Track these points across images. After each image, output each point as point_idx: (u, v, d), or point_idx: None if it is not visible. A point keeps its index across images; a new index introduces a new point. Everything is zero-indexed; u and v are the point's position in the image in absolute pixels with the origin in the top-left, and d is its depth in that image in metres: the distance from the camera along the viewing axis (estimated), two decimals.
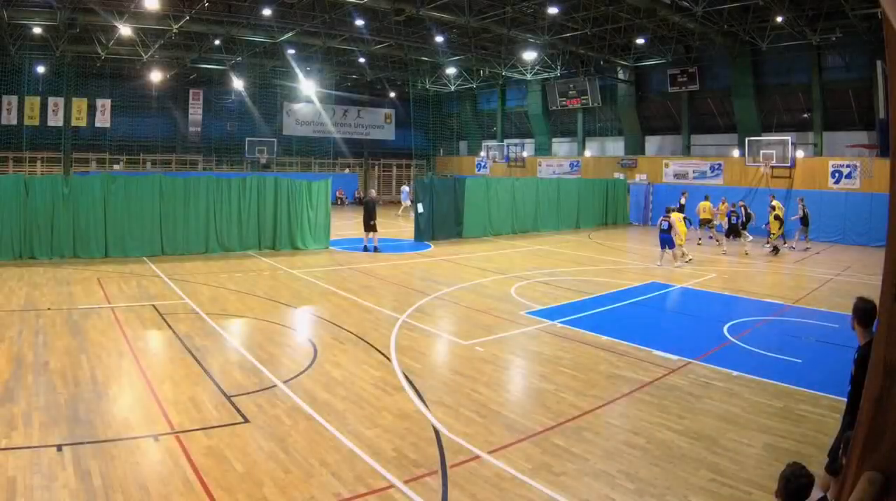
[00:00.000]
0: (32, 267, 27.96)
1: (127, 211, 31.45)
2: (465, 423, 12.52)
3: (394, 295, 24.84)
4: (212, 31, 51.70)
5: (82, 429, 11.60)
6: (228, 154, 75.18)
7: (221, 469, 10.36)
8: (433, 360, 17.12)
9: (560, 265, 32.65)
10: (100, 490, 9.49)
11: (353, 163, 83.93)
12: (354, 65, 68.50)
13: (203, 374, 14.87)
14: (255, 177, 35.70)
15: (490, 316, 21.59)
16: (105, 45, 55.61)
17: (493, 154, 76.37)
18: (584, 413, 13.19)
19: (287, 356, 16.82)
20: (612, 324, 20.62)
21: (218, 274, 27.64)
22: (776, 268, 33.40)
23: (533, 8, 46.17)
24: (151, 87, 69.21)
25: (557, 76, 65.14)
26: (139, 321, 19.55)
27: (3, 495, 9.22)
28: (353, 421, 12.48)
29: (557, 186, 51.10)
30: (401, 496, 9.77)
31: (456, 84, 75.32)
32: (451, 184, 44.06)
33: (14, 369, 14.67)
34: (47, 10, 45.20)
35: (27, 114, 62.80)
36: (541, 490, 9.98)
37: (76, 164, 66.26)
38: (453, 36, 56.91)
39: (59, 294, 22.90)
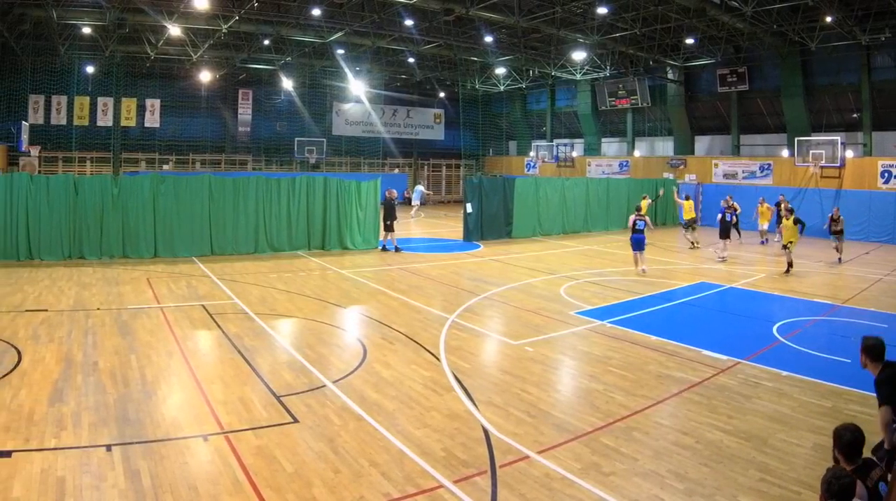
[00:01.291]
0: (82, 267, 28.24)
1: (176, 211, 31.70)
2: (514, 423, 12.50)
3: (443, 295, 24.85)
4: (261, 31, 51.97)
5: (132, 429, 11.68)
6: (278, 154, 75.52)
7: (271, 469, 10.40)
8: (483, 360, 17.09)
9: (609, 265, 32.56)
10: (149, 490, 9.55)
11: (403, 163, 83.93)
12: (404, 65, 68.54)
13: (252, 374, 14.95)
14: (305, 177, 35.78)
15: (540, 316, 21.55)
16: (154, 45, 56.06)
17: (542, 154, 76.19)
18: (633, 413, 13.19)
19: (336, 356, 16.85)
20: (661, 324, 20.62)
21: (267, 275, 27.77)
22: (825, 269, 33.02)
23: (582, 8, 46.04)
24: (201, 87, 69.77)
25: (607, 76, 64.81)
26: (188, 321, 19.70)
27: (52, 495, 9.30)
28: (403, 421, 12.49)
29: (607, 186, 50.91)
30: (450, 496, 9.77)
31: (505, 84, 75.05)
32: (501, 184, 43.95)
33: (64, 369, 14.80)
34: (97, 10, 45.55)
35: (77, 114, 63.44)
36: (590, 490, 9.96)
37: (125, 164, 66.80)
38: (503, 36, 56.78)
39: (108, 294, 23.09)
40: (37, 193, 29.42)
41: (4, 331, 17.81)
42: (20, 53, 57.86)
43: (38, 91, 61.98)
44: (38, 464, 10.16)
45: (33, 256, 29.22)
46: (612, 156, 71.39)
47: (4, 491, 9.29)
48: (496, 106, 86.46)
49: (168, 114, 69.05)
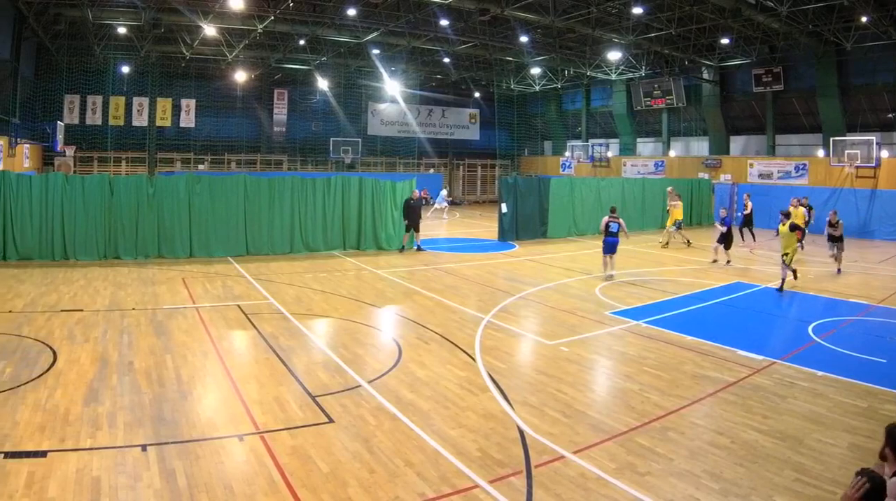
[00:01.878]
0: (117, 267, 28.39)
1: (212, 211, 31.85)
2: (549, 423, 12.48)
3: (478, 295, 24.83)
4: (296, 31, 52.20)
5: (167, 429, 11.73)
6: (313, 154, 75.72)
7: (306, 469, 10.40)
8: (518, 360, 17.06)
9: (644, 265, 32.48)
10: (184, 490, 9.58)
11: (438, 163, 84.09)
12: (439, 65, 68.65)
13: (288, 374, 14.97)
14: (340, 177, 35.85)
15: (575, 316, 21.51)
16: (190, 45, 56.40)
17: (577, 154, 76.09)
18: (668, 413, 13.16)
19: (372, 356, 16.86)
20: (696, 324, 20.55)
21: (302, 274, 27.82)
22: (860, 269, 32.77)
23: (617, 8, 46.01)
24: (236, 87, 70.13)
25: (642, 76, 64.93)
26: (224, 321, 19.76)
27: (87, 495, 9.34)
28: (438, 421, 12.50)
29: (643, 186, 50.71)
30: (485, 496, 9.76)
31: (541, 84, 75.11)
32: (536, 184, 43.84)
33: (99, 369, 14.87)
34: (132, 10, 45.84)
35: (112, 114, 63.79)
36: (625, 490, 9.95)
37: (161, 164, 67.35)
38: (538, 36, 56.73)
39: (143, 294, 23.22)
40: (72, 193, 29.63)
41: (40, 331, 17.93)
42: (55, 53, 58.31)
43: (73, 91, 62.39)
44: (74, 464, 10.21)
45: (69, 256, 29.42)
46: (647, 156, 71.31)
47: (40, 491, 9.34)
48: (531, 106, 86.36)
49: (203, 114, 69.47)
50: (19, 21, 47.23)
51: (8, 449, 10.63)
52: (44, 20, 48.24)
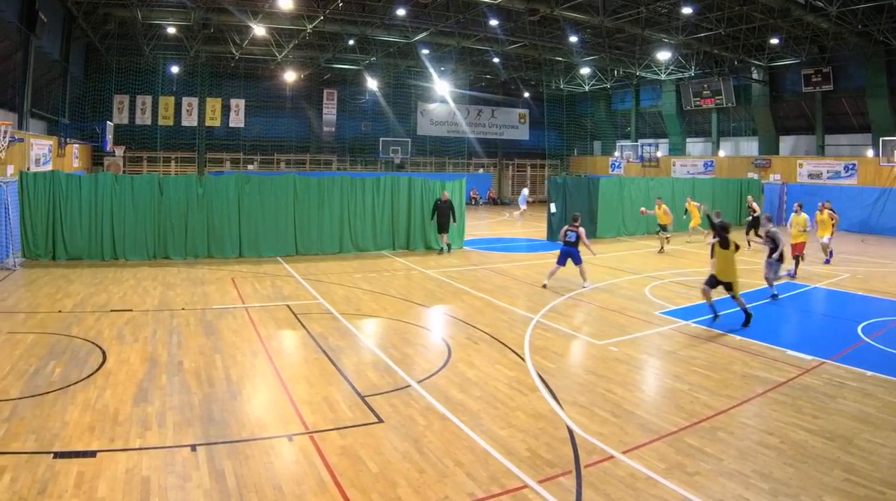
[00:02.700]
0: (167, 267, 28.63)
1: (261, 211, 31.98)
2: (599, 423, 12.46)
3: (528, 295, 24.78)
4: (346, 31, 52.43)
5: (216, 429, 11.78)
6: (362, 154, 76.08)
7: (356, 469, 10.41)
8: (567, 360, 17.01)
9: (694, 265, 32.30)
10: (234, 490, 9.61)
11: (488, 163, 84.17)
12: (488, 65, 68.74)
13: (337, 374, 15.00)
14: (389, 177, 35.92)
15: (624, 316, 21.48)
16: (239, 45, 56.82)
17: (627, 154, 75.95)
18: (717, 413, 13.12)
19: (421, 356, 16.88)
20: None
21: (352, 275, 27.86)
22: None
23: (667, 8, 45.95)
24: (285, 87, 70.54)
25: (692, 76, 64.90)
26: (273, 321, 19.84)
27: (137, 495, 9.39)
28: (488, 421, 12.47)
29: (692, 186, 50.19)
30: (535, 496, 9.73)
31: (590, 84, 75.16)
32: (585, 184, 43.78)
33: (148, 369, 14.98)
34: (181, 10, 46.23)
35: (161, 114, 64.38)
36: (675, 490, 9.92)
37: (210, 164, 68.06)
38: (587, 36, 56.74)
39: (193, 294, 23.38)
40: (121, 193, 29.88)
41: (90, 331, 18.08)
42: (105, 53, 58.93)
43: (122, 91, 63.04)
44: (123, 464, 10.26)
45: (118, 256, 29.64)
46: (696, 156, 71.10)
47: (89, 491, 9.39)
48: (581, 106, 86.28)
49: (253, 114, 70.02)
50: (69, 21, 47.73)
51: (58, 449, 10.71)
52: (93, 20, 48.76)
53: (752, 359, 16.79)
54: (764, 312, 22.56)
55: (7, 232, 28.00)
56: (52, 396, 13.04)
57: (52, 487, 9.47)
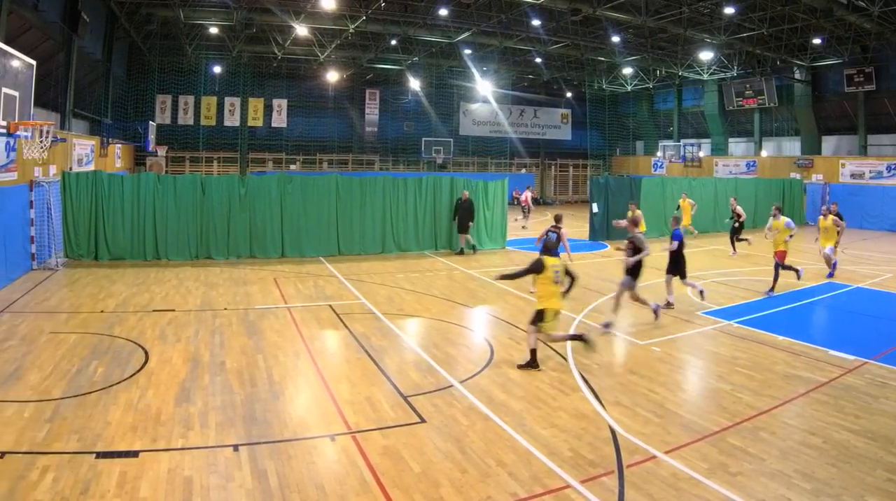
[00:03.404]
0: (209, 267, 28.80)
1: (303, 211, 32.07)
2: (641, 423, 12.47)
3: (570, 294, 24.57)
4: (388, 31, 52.51)
5: (259, 429, 11.84)
6: (405, 154, 76.26)
7: (398, 468, 10.44)
8: (610, 360, 16.97)
9: (737, 265, 32.21)
10: (276, 490, 9.65)
11: (530, 164, 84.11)
12: (531, 65, 68.65)
13: (380, 374, 15.04)
14: (432, 177, 35.94)
15: (666, 316, 21.40)
16: (281, 45, 56.99)
17: (669, 154, 75.70)
18: (760, 413, 13.10)
19: (464, 356, 16.89)
20: (788, 324, 20.46)
21: (394, 274, 27.90)
22: None
23: (709, 8, 45.81)
24: (328, 87, 70.87)
25: (734, 76, 64.66)
26: (316, 321, 19.89)
27: (179, 495, 9.45)
28: (530, 421, 12.49)
29: (735, 186, 49.97)
30: (577, 496, 9.75)
31: (632, 84, 74.92)
32: (627, 184, 43.76)
33: (191, 369, 15.07)
34: (224, 10, 46.45)
35: (204, 114, 64.81)
36: (717, 490, 9.92)
37: (252, 164, 68.40)
38: (630, 36, 56.72)
39: (235, 294, 23.49)
40: (164, 193, 30.09)
41: (132, 331, 18.21)
42: (147, 53, 59.38)
43: (164, 91, 63.55)
44: (166, 464, 10.34)
45: (160, 256, 29.83)
46: (739, 156, 70.88)
47: (132, 491, 9.46)
48: (623, 106, 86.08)
49: (295, 114, 70.38)
50: (111, 21, 48.06)
51: (100, 449, 10.79)
52: (135, 20, 49.10)
53: (795, 359, 16.77)
54: (807, 312, 22.75)
55: (49, 232, 28.27)
56: (94, 396, 13.15)
57: (94, 487, 9.54)
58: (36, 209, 26.93)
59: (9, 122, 17.34)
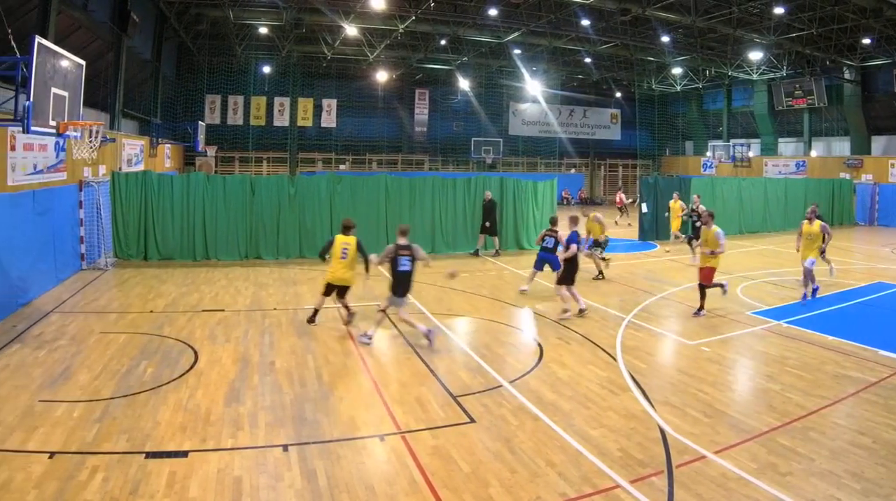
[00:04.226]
0: (258, 267, 28.96)
1: (353, 211, 31.77)
2: (691, 423, 12.45)
3: (619, 294, 24.78)
4: (437, 31, 52.82)
5: (308, 429, 11.88)
6: (454, 154, 76.43)
7: (447, 469, 10.45)
8: (659, 360, 17.02)
9: (786, 265, 32.03)
10: (325, 490, 9.68)
11: (579, 164, 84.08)
12: (580, 65, 68.70)
13: (429, 374, 15.07)
14: (481, 177, 35.90)
15: (716, 315, 21.38)
16: (331, 45, 57.35)
17: (719, 154, 75.41)
18: (809, 413, 13.05)
19: (513, 356, 16.89)
20: (837, 324, 20.30)
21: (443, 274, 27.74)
22: None
23: (759, 8, 45.71)
24: (377, 87, 71.20)
25: (783, 76, 64.43)
26: (365, 321, 19.79)
27: (229, 495, 9.51)
28: (579, 421, 12.48)
29: (785, 186, 50.11)
30: (626, 495, 9.75)
31: (682, 84, 74.90)
32: (676, 184, 43.44)
33: (240, 369, 15.16)
34: (273, 10, 46.74)
35: (253, 114, 65.25)
36: (766, 490, 9.90)
37: (302, 164, 68.82)
38: (679, 36, 56.68)
39: (285, 294, 23.61)
40: (213, 193, 30.27)
41: (181, 332, 18.35)
42: (197, 53, 59.96)
43: (214, 91, 64.10)
44: (215, 464, 10.40)
45: (210, 256, 29.98)
46: (788, 156, 70.63)
47: (181, 492, 9.53)
48: (672, 105, 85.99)
49: (344, 114, 70.68)
50: (160, 21, 48.52)
51: (149, 449, 10.87)
52: (185, 20, 49.58)
53: (845, 359, 16.70)
54: (856, 312, 22.62)
55: (99, 232, 28.52)
56: (143, 396, 13.24)
57: (143, 487, 9.62)
58: (85, 209, 27.17)
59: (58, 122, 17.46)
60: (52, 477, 9.79)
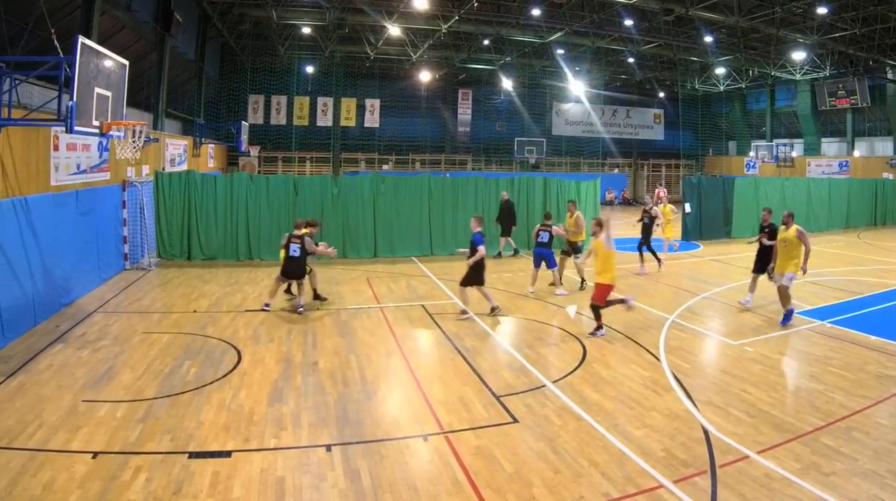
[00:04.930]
0: None
1: (396, 210, 32.16)
2: (734, 423, 12.44)
3: (663, 295, 24.70)
4: (481, 31, 52.88)
5: (351, 429, 11.92)
6: (497, 154, 76.50)
7: (491, 468, 10.47)
8: (702, 360, 16.97)
9: (829, 265, 31.63)
10: (369, 490, 9.71)
11: (622, 164, 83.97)
12: (623, 65, 68.67)
13: (472, 374, 15.06)
14: (525, 177, 35.87)
15: (759, 316, 21.30)
16: (374, 45, 57.55)
17: (762, 154, 75.14)
18: (853, 413, 13.01)
19: (556, 356, 16.90)
20: (881, 325, 20.16)
21: (487, 274, 27.49)
22: None
23: (802, 8, 45.46)
24: (420, 87, 71.45)
25: (826, 76, 64.12)
26: (408, 321, 19.99)
27: (272, 495, 9.56)
28: (623, 421, 12.50)
29: (828, 186, 49.81)
30: (670, 496, 9.77)
31: (725, 84, 74.66)
32: (720, 184, 43.60)
33: (283, 369, 15.23)
34: (316, 10, 46.92)
35: (296, 114, 65.59)
36: (810, 490, 9.90)
37: (345, 164, 69.08)
38: (722, 36, 56.55)
39: (328, 293, 23.52)
40: (257, 193, 30.41)
41: (224, 331, 18.46)
42: (240, 53, 60.37)
43: (257, 91, 64.59)
44: (258, 464, 10.47)
45: (253, 256, 30.11)
46: (831, 156, 70.40)
47: (224, 492, 9.60)
48: (715, 105, 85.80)
49: (388, 113, 71.00)
50: (203, 21, 48.86)
51: (193, 449, 10.96)
52: (228, 20, 49.86)
53: (888, 360, 16.62)
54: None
55: (142, 232, 28.75)
56: (187, 396, 13.35)
57: (187, 487, 9.70)
58: (129, 209, 27.42)
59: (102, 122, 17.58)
60: (96, 477, 9.89)
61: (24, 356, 15.84)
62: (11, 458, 10.48)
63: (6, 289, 16.70)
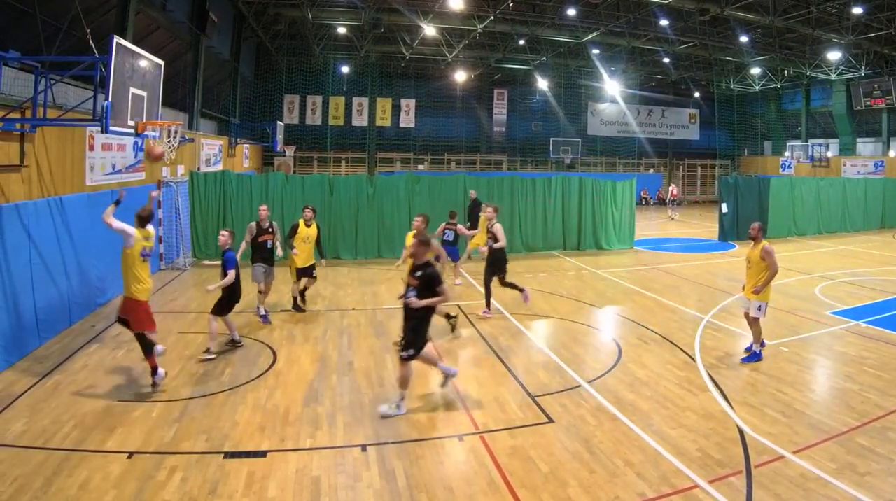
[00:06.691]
0: (337, 267, 29.08)
1: (431, 211, 31.59)
2: (769, 423, 12.43)
3: (698, 295, 24.70)
4: (516, 31, 52.81)
5: (386, 429, 11.96)
6: (533, 154, 76.29)
7: (526, 468, 10.49)
8: (737, 360, 16.74)
9: (865, 265, 31.62)
10: (404, 490, 9.76)
11: (658, 164, 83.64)
12: (659, 65, 68.45)
13: (508, 374, 15.10)
14: (560, 177, 35.79)
15: (794, 315, 21.24)
16: (409, 45, 57.58)
17: (797, 154, 74.58)
18: (888, 412, 13.01)
19: (591, 356, 16.90)
20: None
21: (522, 274, 27.63)
22: None
23: (837, 8, 45.26)
24: (455, 87, 71.34)
25: (862, 76, 63.56)
26: (442, 321, 19.81)
27: (307, 495, 9.62)
28: (658, 421, 12.51)
29: (864, 186, 49.58)
30: (705, 495, 9.80)
31: (760, 84, 74.31)
32: (756, 184, 43.45)
33: (319, 369, 15.31)
34: (352, 11, 47.03)
35: (332, 114, 65.69)
36: (845, 490, 9.92)
37: (381, 164, 69.15)
38: (757, 36, 56.33)
39: (363, 294, 23.82)
40: (292, 193, 30.49)
41: (260, 332, 18.58)
42: (275, 53, 60.52)
43: (292, 91, 64.69)
44: (294, 464, 10.54)
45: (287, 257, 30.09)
46: (867, 156, 69.95)
47: (260, 492, 9.67)
48: (751, 105, 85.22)
49: (423, 113, 70.97)
50: (239, 21, 49.08)
51: (228, 449, 11.05)
52: (263, 20, 50.06)
53: None
54: None
55: (177, 232, 28.89)
56: (222, 396, 13.45)
57: (222, 487, 9.79)
58: (164, 209, 27.46)
59: (137, 122, 17.65)
60: (131, 477, 9.99)
61: (59, 356, 15.99)
62: (47, 458, 10.58)
63: (42, 289, 16.83)
